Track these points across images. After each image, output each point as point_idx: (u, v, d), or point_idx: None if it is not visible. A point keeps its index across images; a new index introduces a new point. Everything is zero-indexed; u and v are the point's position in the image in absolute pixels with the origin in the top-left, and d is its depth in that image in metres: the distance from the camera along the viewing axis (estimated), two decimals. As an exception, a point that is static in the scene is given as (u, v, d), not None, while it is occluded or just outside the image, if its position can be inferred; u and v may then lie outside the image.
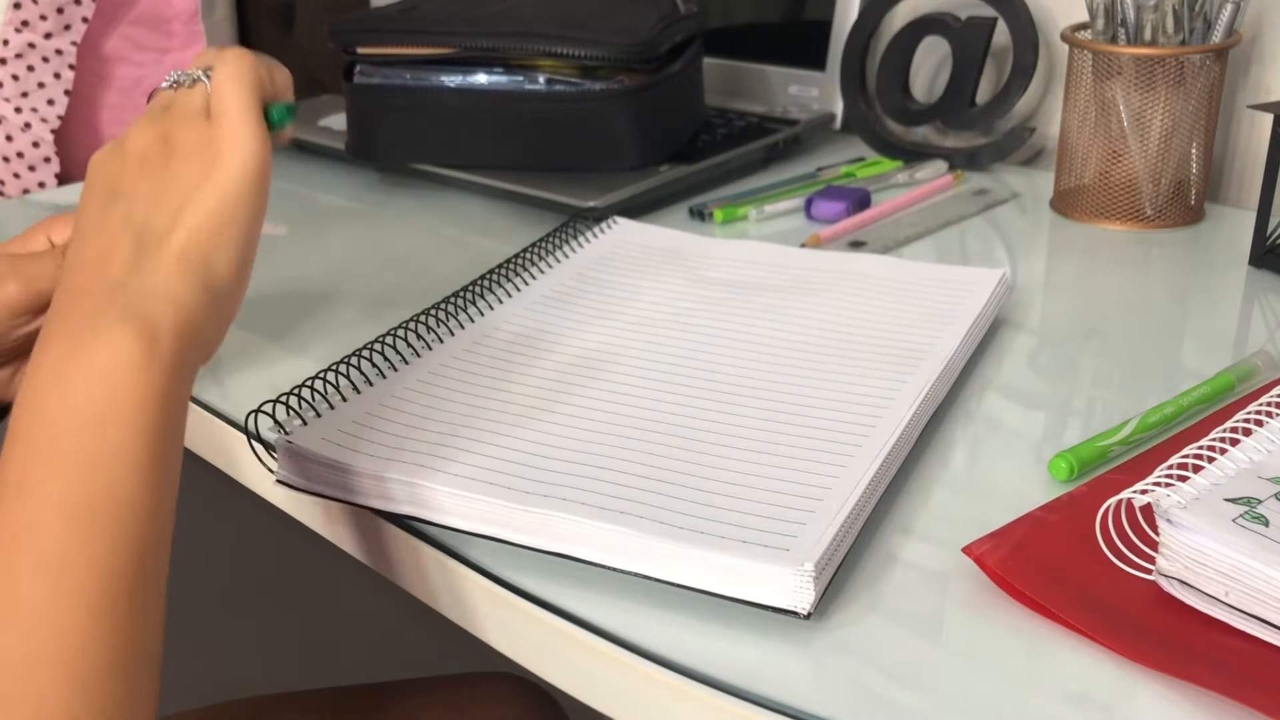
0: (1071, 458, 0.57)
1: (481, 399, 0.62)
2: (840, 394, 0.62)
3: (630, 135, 0.96)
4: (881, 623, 0.49)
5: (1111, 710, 0.44)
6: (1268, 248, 0.83)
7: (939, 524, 0.55)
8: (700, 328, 0.70)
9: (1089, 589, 0.49)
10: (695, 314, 0.72)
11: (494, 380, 0.64)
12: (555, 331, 0.70)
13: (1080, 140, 0.92)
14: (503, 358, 0.67)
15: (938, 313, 0.71)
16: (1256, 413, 0.54)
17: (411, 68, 0.98)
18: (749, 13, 1.24)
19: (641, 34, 0.94)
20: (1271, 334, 0.75)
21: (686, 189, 0.99)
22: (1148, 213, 0.92)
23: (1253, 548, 0.45)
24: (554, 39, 0.94)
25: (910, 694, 0.45)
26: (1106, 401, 0.67)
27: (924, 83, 1.13)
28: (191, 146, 0.51)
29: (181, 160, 0.51)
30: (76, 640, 0.39)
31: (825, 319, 0.71)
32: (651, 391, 0.63)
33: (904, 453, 0.59)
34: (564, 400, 0.62)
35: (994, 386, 0.68)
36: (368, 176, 1.06)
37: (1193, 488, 0.48)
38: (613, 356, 0.67)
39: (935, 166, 1.03)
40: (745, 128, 1.07)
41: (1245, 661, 0.44)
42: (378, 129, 1.01)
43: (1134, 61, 0.88)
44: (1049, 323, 0.77)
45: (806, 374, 0.64)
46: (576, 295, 0.75)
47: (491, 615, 0.52)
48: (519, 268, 0.76)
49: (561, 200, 0.92)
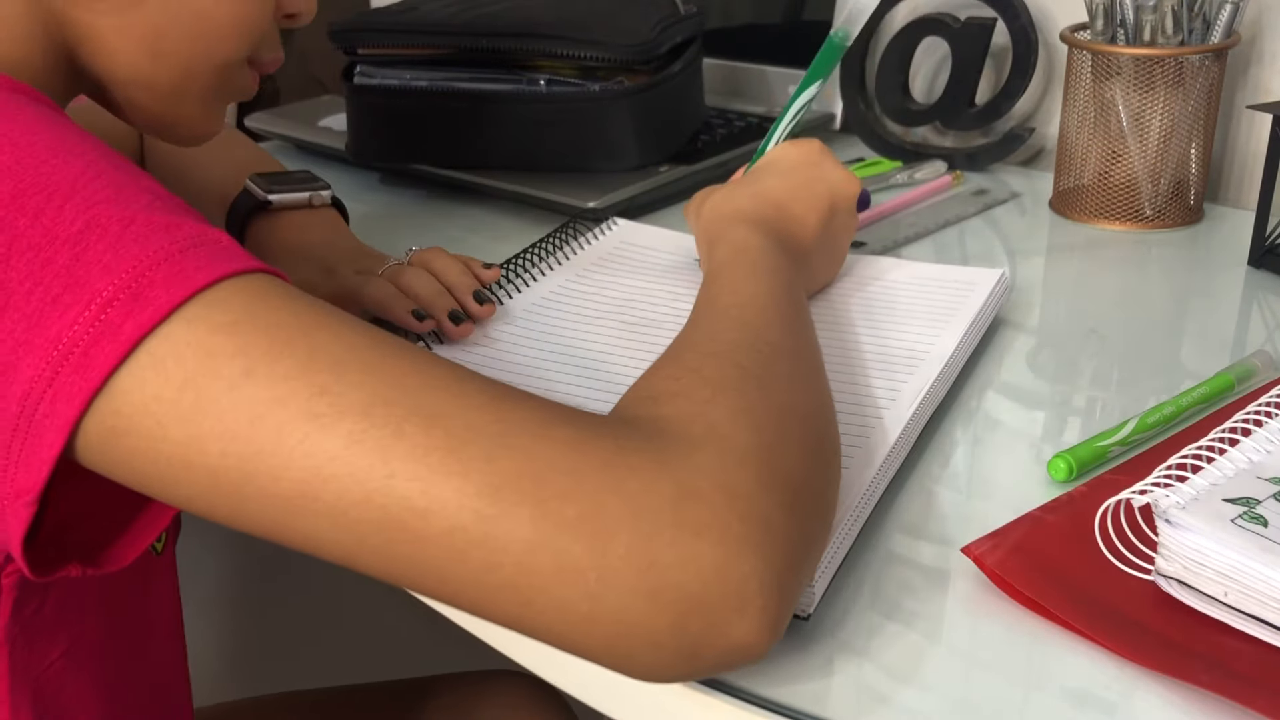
0: (1070, 458, 0.57)
1: (483, 399, 0.62)
2: (840, 394, 0.62)
3: (630, 136, 0.96)
4: (882, 622, 0.49)
5: (1110, 710, 0.44)
6: (1267, 248, 0.84)
7: (939, 524, 0.55)
8: (701, 328, 0.70)
9: (1088, 589, 0.49)
10: (695, 314, 0.72)
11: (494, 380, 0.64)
12: (555, 332, 0.70)
13: (1079, 141, 0.93)
14: (503, 358, 0.67)
15: (937, 313, 0.71)
16: (1255, 413, 0.54)
17: (411, 68, 0.98)
18: (749, 13, 1.24)
19: (641, 34, 0.94)
20: (1270, 334, 0.75)
21: (686, 189, 0.99)
22: (1147, 213, 0.92)
23: (1251, 548, 0.45)
24: (554, 40, 0.94)
25: (910, 693, 0.45)
26: (1106, 401, 0.68)
27: (923, 83, 1.13)
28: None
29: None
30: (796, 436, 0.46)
31: (825, 319, 0.71)
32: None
33: (904, 453, 0.59)
34: (564, 400, 0.62)
35: (994, 386, 0.68)
36: (368, 177, 1.06)
37: (1192, 488, 0.48)
38: (613, 356, 0.67)
39: (934, 167, 1.03)
40: (745, 128, 1.07)
41: (1244, 662, 0.45)
42: (378, 129, 1.01)
43: (1133, 62, 0.88)
44: (1048, 323, 0.77)
45: (807, 374, 0.64)
46: (576, 296, 0.75)
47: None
48: (519, 268, 0.77)
49: (561, 201, 0.92)
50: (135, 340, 0.39)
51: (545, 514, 0.39)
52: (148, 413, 0.40)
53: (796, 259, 0.64)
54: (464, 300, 0.70)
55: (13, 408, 0.40)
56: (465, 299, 0.70)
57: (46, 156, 0.42)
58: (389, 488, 0.39)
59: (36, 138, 0.43)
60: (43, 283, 0.40)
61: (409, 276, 0.71)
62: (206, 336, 0.40)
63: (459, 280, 0.71)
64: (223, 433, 0.40)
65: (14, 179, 0.41)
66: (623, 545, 0.39)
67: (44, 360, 0.40)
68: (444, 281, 0.71)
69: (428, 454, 0.39)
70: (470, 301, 0.70)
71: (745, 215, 0.65)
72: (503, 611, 0.40)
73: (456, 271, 0.72)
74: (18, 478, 0.41)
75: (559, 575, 0.39)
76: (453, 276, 0.72)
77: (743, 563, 0.39)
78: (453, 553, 0.39)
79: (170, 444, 0.40)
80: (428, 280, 0.71)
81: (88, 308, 0.39)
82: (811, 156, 0.72)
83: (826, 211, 0.70)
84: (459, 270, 0.72)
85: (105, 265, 0.40)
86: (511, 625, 0.41)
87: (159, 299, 0.40)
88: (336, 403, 0.40)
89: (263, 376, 0.40)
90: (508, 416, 0.41)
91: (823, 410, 0.50)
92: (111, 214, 0.41)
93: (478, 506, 0.39)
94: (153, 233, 0.41)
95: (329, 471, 0.39)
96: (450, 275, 0.72)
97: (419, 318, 0.67)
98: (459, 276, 0.72)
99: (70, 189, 0.41)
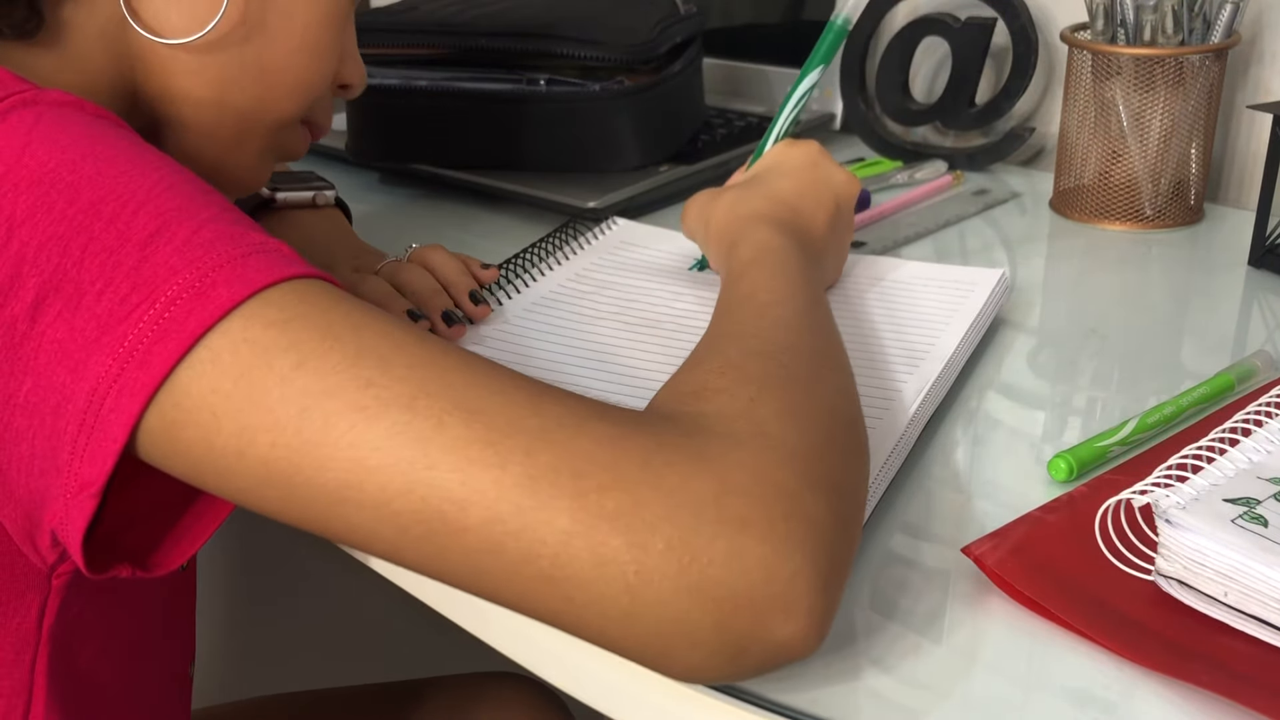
0: (1071, 458, 0.57)
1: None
2: (840, 394, 0.62)
3: (630, 135, 0.96)
4: (882, 622, 0.49)
5: (1110, 710, 0.44)
6: (1267, 248, 0.83)
7: (939, 524, 0.55)
8: (700, 328, 0.70)
9: (1088, 589, 0.49)
10: (695, 314, 0.72)
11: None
12: (555, 332, 0.70)
13: (1080, 140, 0.93)
14: (502, 358, 0.67)
15: (938, 313, 0.71)
16: (1255, 413, 0.54)
17: (412, 68, 0.98)
18: (749, 13, 1.24)
19: (641, 34, 0.94)
20: (1270, 334, 0.75)
21: (686, 189, 0.98)
22: (1147, 213, 0.92)
23: (1251, 548, 0.45)
24: (554, 39, 0.94)
25: (910, 693, 0.45)
26: (1106, 401, 0.68)
27: (923, 83, 1.13)
28: None
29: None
30: (823, 426, 0.46)
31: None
32: (652, 391, 0.63)
33: (904, 453, 0.59)
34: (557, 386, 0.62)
35: (994, 386, 0.68)
36: (368, 177, 1.06)
37: (1192, 488, 0.48)
38: (613, 356, 0.67)
39: (935, 167, 1.03)
40: (745, 128, 1.07)
41: (1244, 662, 0.45)
42: (378, 129, 1.01)
43: (1133, 62, 0.88)
44: (1049, 323, 0.77)
45: (807, 374, 0.64)
46: (576, 296, 0.75)
47: (497, 618, 0.52)
48: (519, 268, 0.77)
49: (561, 200, 0.92)
50: (196, 336, 0.41)
51: (583, 506, 0.39)
52: (205, 405, 0.41)
53: (814, 259, 0.65)
54: (460, 299, 0.70)
55: (80, 403, 0.42)
56: (461, 298, 0.70)
57: (125, 168, 0.45)
58: (429, 479, 0.40)
59: (117, 153, 0.45)
60: (113, 283, 0.42)
61: (406, 274, 0.71)
62: (261, 332, 0.42)
63: (456, 279, 0.71)
64: (273, 424, 0.41)
65: (94, 188, 0.44)
66: (662, 539, 0.39)
67: (111, 357, 0.41)
68: (441, 279, 0.71)
69: (468, 446, 0.40)
70: (466, 301, 0.70)
71: (764, 216, 0.66)
72: (544, 607, 0.40)
73: (454, 270, 0.72)
74: (82, 470, 0.42)
75: (597, 569, 0.39)
76: (450, 275, 0.72)
77: (790, 560, 0.39)
78: (490, 544, 0.40)
79: (224, 435, 0.42)
80: (425, 278, 0.71)
81: (153, 306, 0.42)
82: (813, 157, 0.72)
83: (834, 211, 0.70)
84: (457, 269, 0.72)
85: (172, 267, 0.42)
86: (553, 622, 0.41)
87: (220, 297, 0.42)
88: (381, 395, 0.41)
89: (312, 370, 0.41)
90: (547, 412, 0.42)
91: (858, 414, 0.50)
92: (181, 222, 0.43)
93: (516, 498, 0.39)
94: (218, 239, 0.43)
95: (373, 462, 0.40)
96: (448, 273, 0.72)
97: (414, 317, 0.68)
98: (457, 275, 0.72)
99: (144, 197, 0.44)
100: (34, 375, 0.42)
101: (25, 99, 0.46)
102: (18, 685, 0.52)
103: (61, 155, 0.44)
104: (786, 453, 0.42)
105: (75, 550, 0.44)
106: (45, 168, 0.44)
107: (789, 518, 0.40)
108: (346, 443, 0.40)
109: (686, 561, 0.38)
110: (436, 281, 0.71)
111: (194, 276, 0.42)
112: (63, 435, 0.42)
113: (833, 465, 0.44)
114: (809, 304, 0.56)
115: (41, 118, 0.45)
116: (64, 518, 0.44)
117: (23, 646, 0.52)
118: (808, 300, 0.56)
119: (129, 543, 0.49)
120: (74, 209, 0.43)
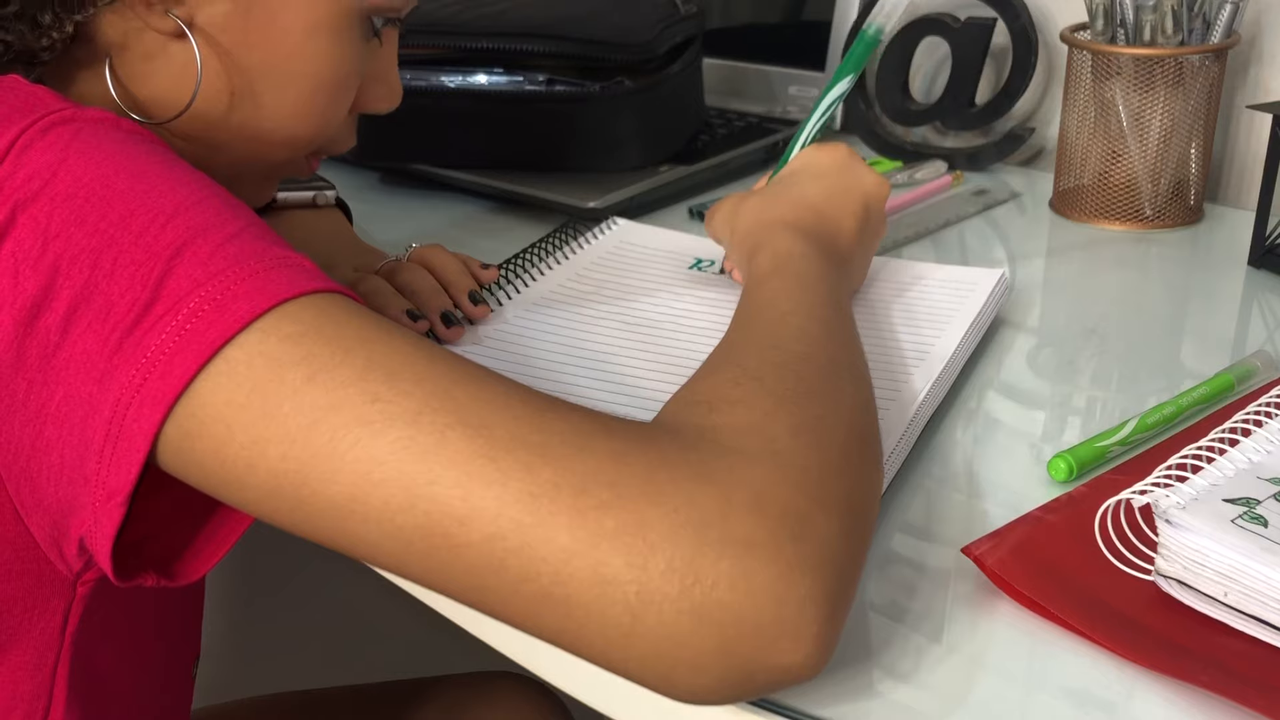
0: (1070, 458, 0.57)
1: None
2: (840, 394, 0.62)
3: (630, 135, 0.96)
4: (882, 622, 0.49)
5: (1110, 710, 0.44)
6: (1267, 248, 0.83)
7: (939, 524, 0.55)
8: (700, 328, 0.70)
9: (1088, 589, 0.49)
10: (695, 314, 0.72)
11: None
12: (555, 332, 0.70)
13: (1079, 140, 0.93)
14: (502, 358, 0.67)
15: (938, 313, 0.71)
16: (1255, 413, 0.54)
17: (411, 68, 0.98)
18: (749, 13, 1.24)
19: (641, 35, 0.94)
20: (1270, 334, 0.75)
21: (686, 189, 0.99)
22: (1147, 213, 0.92)
23: (1251, 548, 0.45)
24: (554, 39, 0.94)
25: (910, 693, 0.45)
26: (1106, 401, 0.68)
27: (924, 83, 1.13)
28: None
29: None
30: (838, 444, 0.45)
31: (825, 319, 0.71)
32: (651, 392, 0.63)
33: (904, 453, 0.59)
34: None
35: (994, 386, 0.68)
36: (368, 176, 1.06)
37: (1192, 488, 0.48)
38: (612, 357, 0.67)
39: (935, 167, 1.03)
40: (745, 128, 1.07)
41: (1243, 662, 0.45)
42: (378, 129, 1.01)
43: (1133, 62, 0.88)
44: (1049, 322, 0.77)
45: (806, 374, 0.64)
46: (576, 296, 0.75)
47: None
48: (518, 268, 0.77)
49: (561, 200, 0.92)
50: (216, 348, 0.42)
51: (583, 524, 0.39)
52: (219, 417, 0.42)
53: (839, 265, 0.64)
54: (459, 299, 0.70)
55: (106, 412, 0.43)
56: (460, 298, 0.70)
57: (156, 183, 0.46)
58: (432, 494, 0.40)
59: (149, 168, 0.46)
60: (141, 296, 0.43)
61: (406, 274, 0.71)
62: (277, 345, 0.42)
63: (456, 278, 0.71)
64: (283, 436, 0.41)
65: (125, 202, 0.45)
66: (663, 559, 0.38)
67: (135, 367, 0.42)
68: (440, 279, 0.71)
69: (470, 461, 0.40)
70: (465, 301, 0.70)
71: (787, 222, 0.65)
72: (546, 626, 0.40)
73: (454, 270, 0.72)
74: (109, 479, 0.43)
75: (597, 588, 0.38)
76: (450, 274, 0.72)
77: (799, 585, 0.39)
78: (491, 560, 0.40)
79: (236, 446, 0.42)
80: (424, 278, 0.71)
81: (176, 318, 0.42)
82: (841, 160, 0.71)
83: (862, 215, 0.69)
84: (456, 269, 0.72)
85: (195, 280, 0.43)
86: (556, 642, 0.41)
87: (240, 310, 0.42)
88: (387, 410, 0.41)
89: (322, 384, 0.42)
90: (550, 428, 0.41)
91: (875, 427, 0.49)
92: (207, 236, 0.44)
93: (516, 515, 0.39)
94: (242, 254, 0.44)
95: (377, 476, 0.40)
96: (447, 273, 0.72)
97: (414, 318, 0.67)
98: (456, 275, 0.72)
99: (173, 212, 0.45)
100: (65, 386, 0.43)
101: (64, 116, 0.47)
102: (39, 689, 0.53)
103: (96, 170, 0.45)
104: (798, 471, 0.42)
105: (104, 558, 0.45)
106: (80, 182, 0.45)
107: (798, 539, 0.39)
108: (352, 457, 0.41)
109: (689, 583, 0.38)
110: (436, 281, 0.71)
111: (216, 290, 0.42)
112: (90, 445, 0.43)
113: (847, 483, 0.43)
114: (830, 313, 0.55)
115: (79, 134, 0.46)
116: (92, 526, 0.44)
117: (45, 651, 0.52)
118: (829, 309, 0.55)
119: (154, 551, 0.49)
120: (106, 222, 0.44)
